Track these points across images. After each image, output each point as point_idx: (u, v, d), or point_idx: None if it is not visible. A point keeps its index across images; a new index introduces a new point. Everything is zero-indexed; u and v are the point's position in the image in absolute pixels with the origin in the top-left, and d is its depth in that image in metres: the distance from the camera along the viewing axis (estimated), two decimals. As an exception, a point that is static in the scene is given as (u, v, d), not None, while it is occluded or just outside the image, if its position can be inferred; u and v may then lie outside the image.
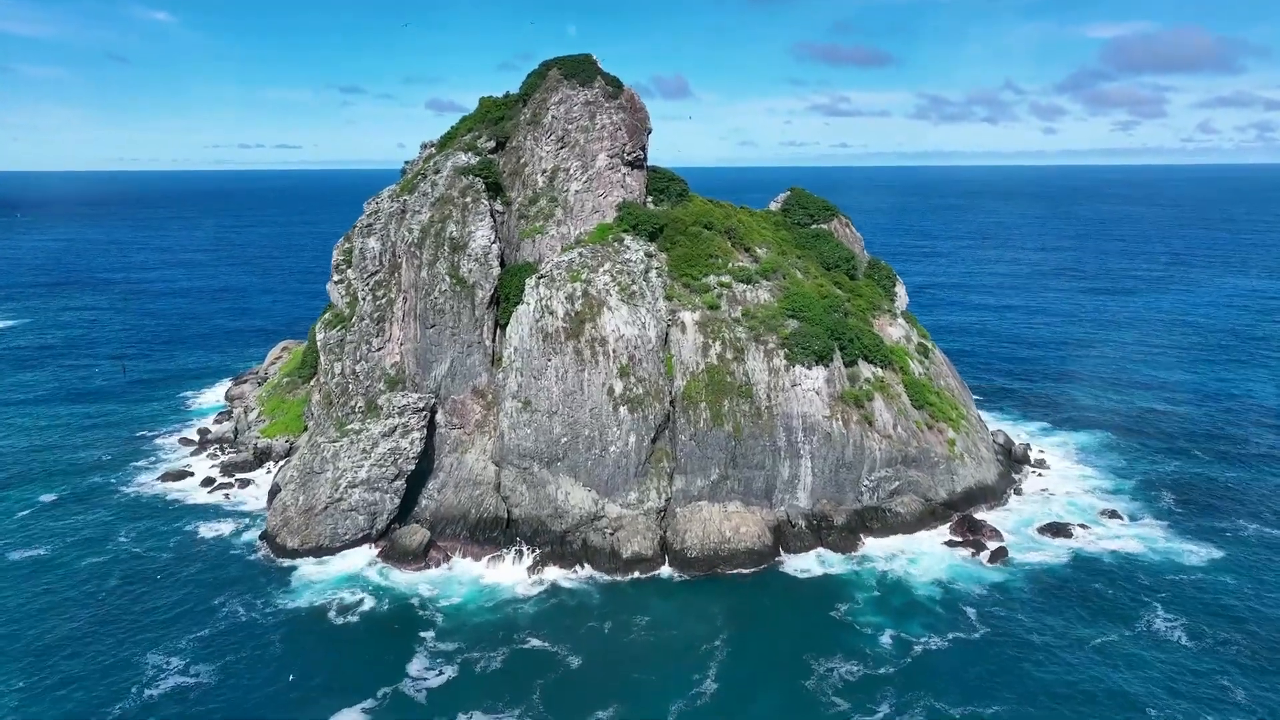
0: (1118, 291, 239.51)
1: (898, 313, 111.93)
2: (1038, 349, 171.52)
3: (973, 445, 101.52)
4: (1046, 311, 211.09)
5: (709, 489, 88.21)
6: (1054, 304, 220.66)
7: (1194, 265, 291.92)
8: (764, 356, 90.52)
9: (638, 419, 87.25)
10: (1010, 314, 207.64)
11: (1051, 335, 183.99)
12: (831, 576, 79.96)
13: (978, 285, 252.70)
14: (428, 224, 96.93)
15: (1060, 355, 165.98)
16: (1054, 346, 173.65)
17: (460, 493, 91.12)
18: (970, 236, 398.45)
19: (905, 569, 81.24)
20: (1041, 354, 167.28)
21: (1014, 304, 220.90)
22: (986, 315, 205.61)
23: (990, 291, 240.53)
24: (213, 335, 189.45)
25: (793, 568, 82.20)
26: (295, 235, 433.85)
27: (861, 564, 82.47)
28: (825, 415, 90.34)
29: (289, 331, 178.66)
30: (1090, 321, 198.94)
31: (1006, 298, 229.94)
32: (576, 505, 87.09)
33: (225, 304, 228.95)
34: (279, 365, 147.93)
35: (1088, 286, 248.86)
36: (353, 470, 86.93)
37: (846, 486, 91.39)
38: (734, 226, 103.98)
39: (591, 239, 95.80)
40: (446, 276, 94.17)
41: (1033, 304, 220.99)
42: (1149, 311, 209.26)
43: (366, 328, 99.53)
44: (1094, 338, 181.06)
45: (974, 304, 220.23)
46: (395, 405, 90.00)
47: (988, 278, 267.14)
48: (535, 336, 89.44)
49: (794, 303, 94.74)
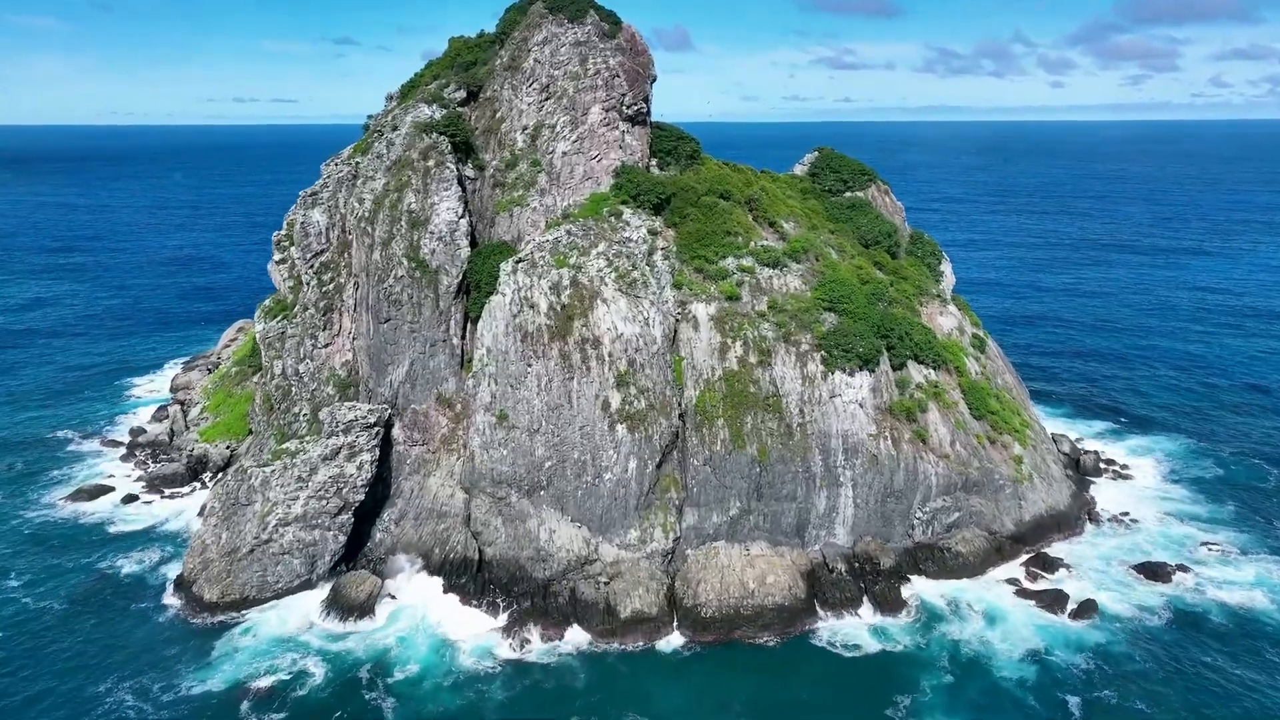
0: (1157, 256, 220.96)
1: (948, 298, 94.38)
2: (1083, 328, 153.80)
3: (1041, 462, 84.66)
4: (1084, 281, 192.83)
5: (727, 526, 71.52)
6: (1091, 272, 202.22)
7: (1233, 229, 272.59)
8: (796, 361, 73.20)
9: (639, 440, 70.27)
10: (1045, 284, 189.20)
11: (1097, 310, 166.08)
12: (888, 652, 63.33)
13: (1004, 254, 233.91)
14: (381, 193, 79.03)
15: (1111, 335, 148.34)
16: (1102, 324, 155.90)
17: (422, 526, 74.50)
18: (988, 197, 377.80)
19: (978, 635, 64.68)
20: (1089, 334, 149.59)
21: (1047, 272, 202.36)
22: (1018, 286, 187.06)
23: (1019, 259, 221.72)
24: (172, 309, 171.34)
25: (834, 633, 65.68)
26: (282, 195, 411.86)
27: (922, 627, 65.92)
28: (871, 433, 73.31)
29: (254, 307, 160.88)
30: (1137, 293, 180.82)
31: (1038, 266, 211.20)
32: (563, 546, 70.51)
33: (193, 274, 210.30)
34: (233, 349, 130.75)
35: (1125, 251, 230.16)
36: (285, 503, 70.16)
37: (895, 520, 74.70)
38: (756, 196, 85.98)
39: (582, 213, 77.96)
40: (404, 259, 76.51)
41: (1068, 272, 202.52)
42: (1200, 280, 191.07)
43: (311, 319, 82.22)
44: (1145, 313, 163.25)
45: (1002, 273, 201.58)
46: (339, 420, 72.95)
47: (1013, 243, 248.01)
48: (512, 336, 72.10)
49: (831, 291, 77.14)
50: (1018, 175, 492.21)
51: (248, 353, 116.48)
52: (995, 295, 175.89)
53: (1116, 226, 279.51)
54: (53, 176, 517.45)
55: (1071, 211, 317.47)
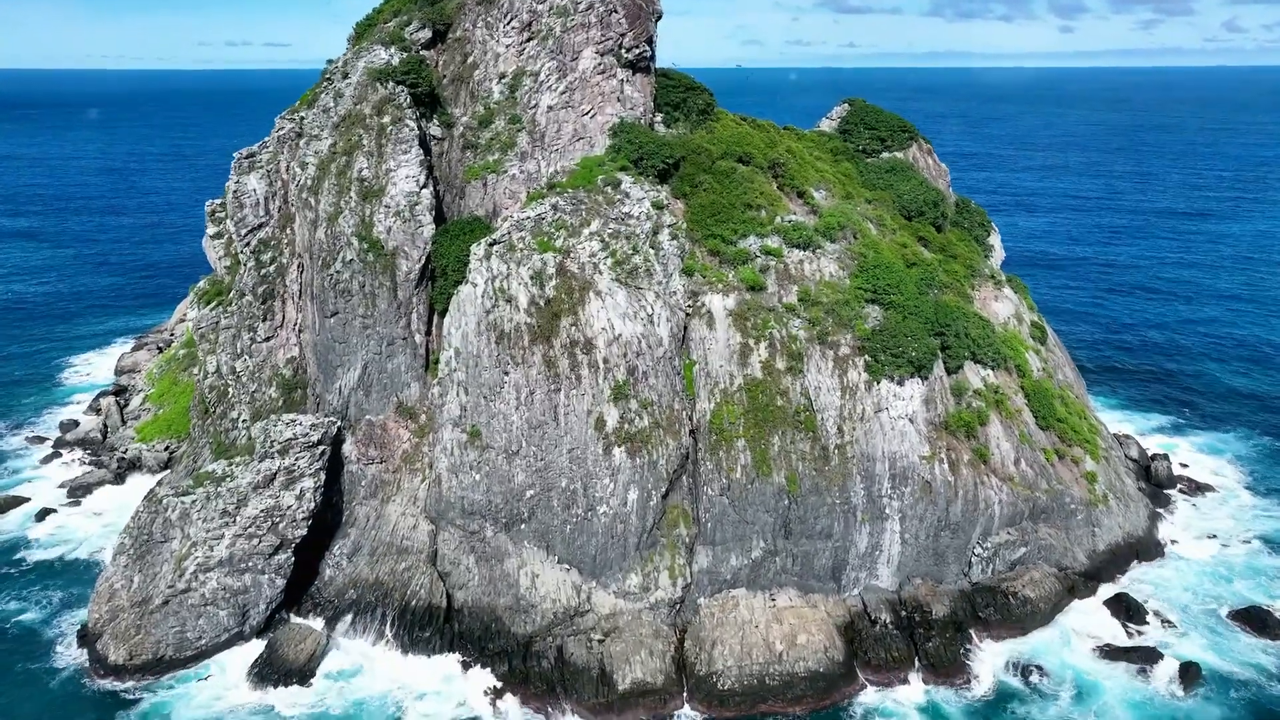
0: (1201, 219, 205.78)
1: (1002, 279, 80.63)
2: (1131, 300, 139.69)
3: (1115, 478, 71.82)
4: (1121, 247, 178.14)
5: (749, 570, 58.85)
6: (1129, 237, 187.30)
7: (1272, 182, 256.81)
8: (833, 367, 59.82)
9: (641, 466, 57.26)
10: (1080, 253, 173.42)
11: (1140, 280, 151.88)
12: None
13: (1028, 217, 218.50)
14: (327, 157, 64.85)
15: (1164, 311, 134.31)
16: (1151, 296, 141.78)
17: (379, 564, 61.84)
18: (1005, 150, 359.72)
19: (1062, 717, 52.45)
20: (1139, 308, 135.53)
21: (1080, 239, 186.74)
22: (1049, 255, 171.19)
23: (1046, 223, 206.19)
24: (132, 275, 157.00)
25: (878, 708, 53.40)
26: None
27: (988, 706, 53.64)
28: (923, 455, 60.28)
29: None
30: (1186, 259, 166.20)
31: (1069, 230, 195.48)
32: (549, 594, 57.93)
33: (163, 235, 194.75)
34: (188, 325, 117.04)
35: (1164, 210, 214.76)
36: (208, 543, 57.36)
37: (949, 557, 62.07)
38: (782, 160, 71.68)
39: (572, 182, 63.82)
40: (354, 239, 62.65)
41: (1101, 237, 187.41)
42: (1250, 246, 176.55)
43: (248, 307, 68.64)
44: (1199, 284, 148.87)
45: (1029, 240, 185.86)
46: (273, 439, 59.78)
47: (1037, 204, 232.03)
48: (485, 336, 58.61)
49: (876, 279, 63.43)
50: (1035, 127, 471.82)
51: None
52: (1021, 265, 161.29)
53: (1151, 184, 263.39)
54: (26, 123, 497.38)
55: (1099, 167, 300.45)
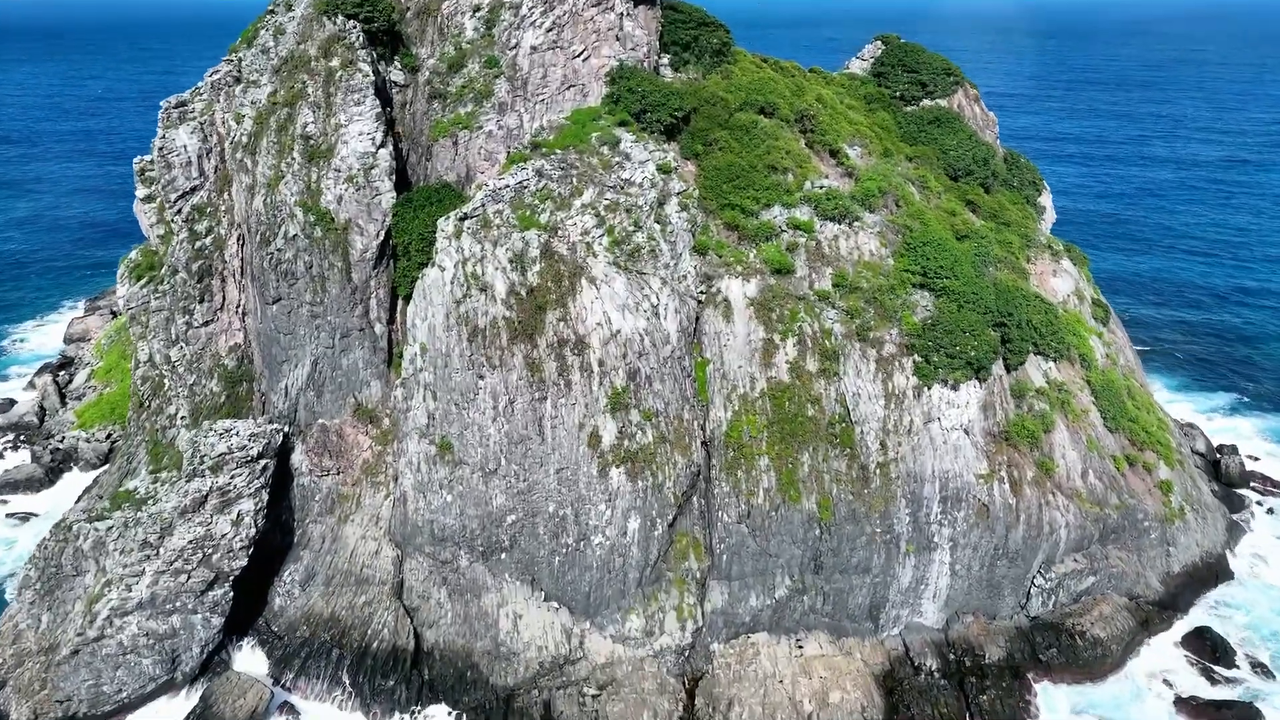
0: (1243, 167, 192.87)
1: (1060, 248, 70.02)
2: (1175, 260, 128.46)
3: (1191, 485, 62.37)
4: (1160, 196, 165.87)
5: (771, 611, 49.74)
6: (1168, 186, 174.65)
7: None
8: (876, 369, 49.80)
9: (644, 490, 47.70)
10: (1124, 214, 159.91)
11: (1185, 236, 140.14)
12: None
13: (1061, 166, 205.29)
14: (266, 108, 53.81)
15: (1211, 272, 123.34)
16: (1196, 255, 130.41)
17: (336, 596, 52.72)
18: (1026, 88, 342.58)
19: (1146, 802, 43.98)
20: (1184, 269, 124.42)
21: (1118, 194, 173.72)
22: (1085, 211, 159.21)
23: (1080, 174, 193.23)
24: (89, 230, 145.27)
25: (930, 785, 44.94)
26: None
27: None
28: (980, 473, 50.68)
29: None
30: (1230, 212, 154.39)
31: (1105, 183, 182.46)
32: (534, 639, 48.92)
33: (122, 182, 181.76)
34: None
35: (1196, 159, 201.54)
36: (124, 581, 48.05)
37: (1005, 589, 52.94)
38: (810, 110, 60.45)
39: (561, 140, 52.85)
40: (298, 209, 52.01)
41: (1141, 190, 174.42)
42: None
43: (183, 286, 58.31)
44: (1247, 241, 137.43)
45: (1062, 196, 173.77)
46: (204, 454, 50.04)
47: (1068, 152, 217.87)
48: (456, 331, 48.44)
49: (926, 258, 52.95)
50: (1055, 64, 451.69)
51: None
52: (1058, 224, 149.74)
53: (1185, 129, 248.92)
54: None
55: (1128, 108, 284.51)
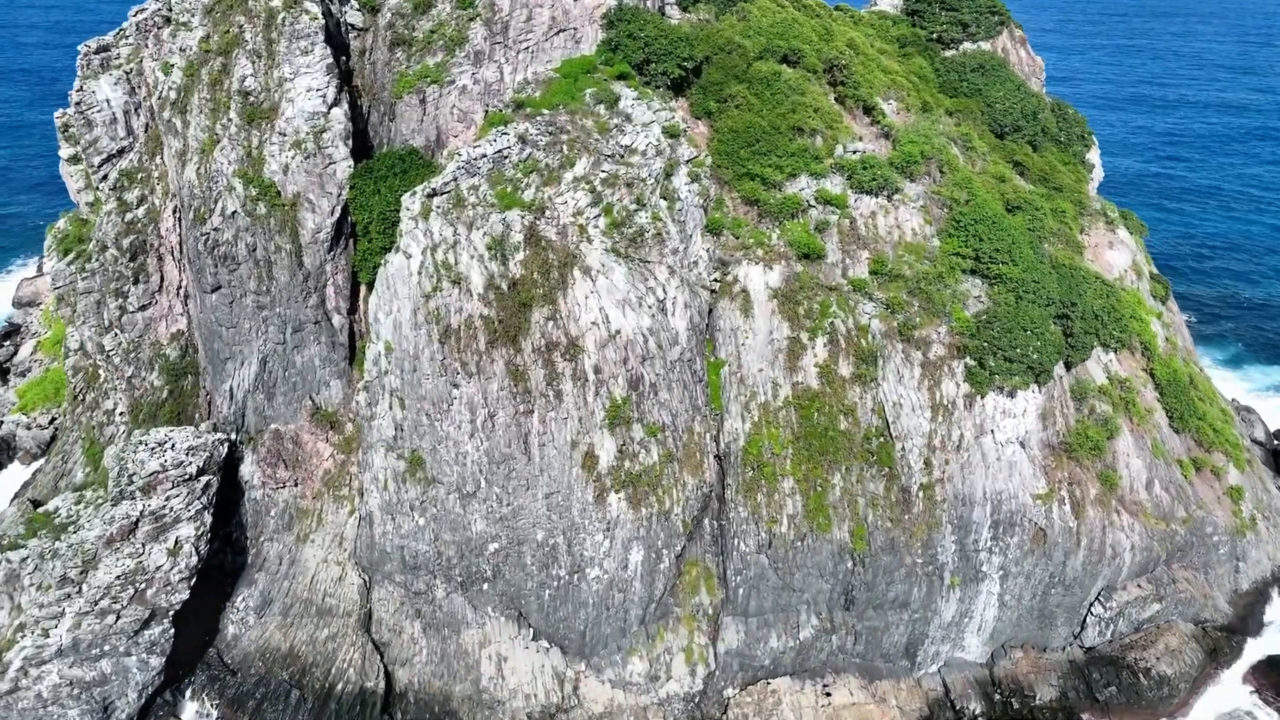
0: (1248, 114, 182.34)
1: (1115, 216, 61.99)
2: (1216, 214, 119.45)
3: (1260, 489, 55.56)
4: (1189, 143, 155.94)
5: (795, 652, 43.22)
6: (1196, 133, 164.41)
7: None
8: (922, 375, 42.36)
9: (648, 518, 40.70)
10: (1137, 155, 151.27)
11: (1217, 187, 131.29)
12: None
13: (1083, 110, 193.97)
14: (197, 57, 45.13)
15: (1248, 225, 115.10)
16: (1242, 208, 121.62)
17: (295, 627, 46.10)
18: (1043, 19, 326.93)
19: None
20: (1225, 227, 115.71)
21: (1140, 132, 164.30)
22: (1113, 163, 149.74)
23: (1107, 120, 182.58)
24: (54, 177, 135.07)
25: None
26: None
27: None
28: (1037, 494, 43.68)
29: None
30: (1259, 162, 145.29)
31: (1136, 131, 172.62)
32: (521, 684, 42.48)
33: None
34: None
35: (1230, 103, 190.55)
36: (41, 624, 41.26)
37: (1058, 619, 46.47)
38: (841, 58, 51.70)
39: (549, 98, 44.32)
40: (236, 181, 43.78)
41: (1164, 134, 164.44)
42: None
43: (113, 264, 50.28)
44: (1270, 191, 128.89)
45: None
46: (133, 472, 42.78)
47: (1091, 94, 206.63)
48: (425, 330, 40.79)
49: (979, 239, 45.04)
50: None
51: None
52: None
53: (1215, 67, 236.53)
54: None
55: (1153, 49, 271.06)
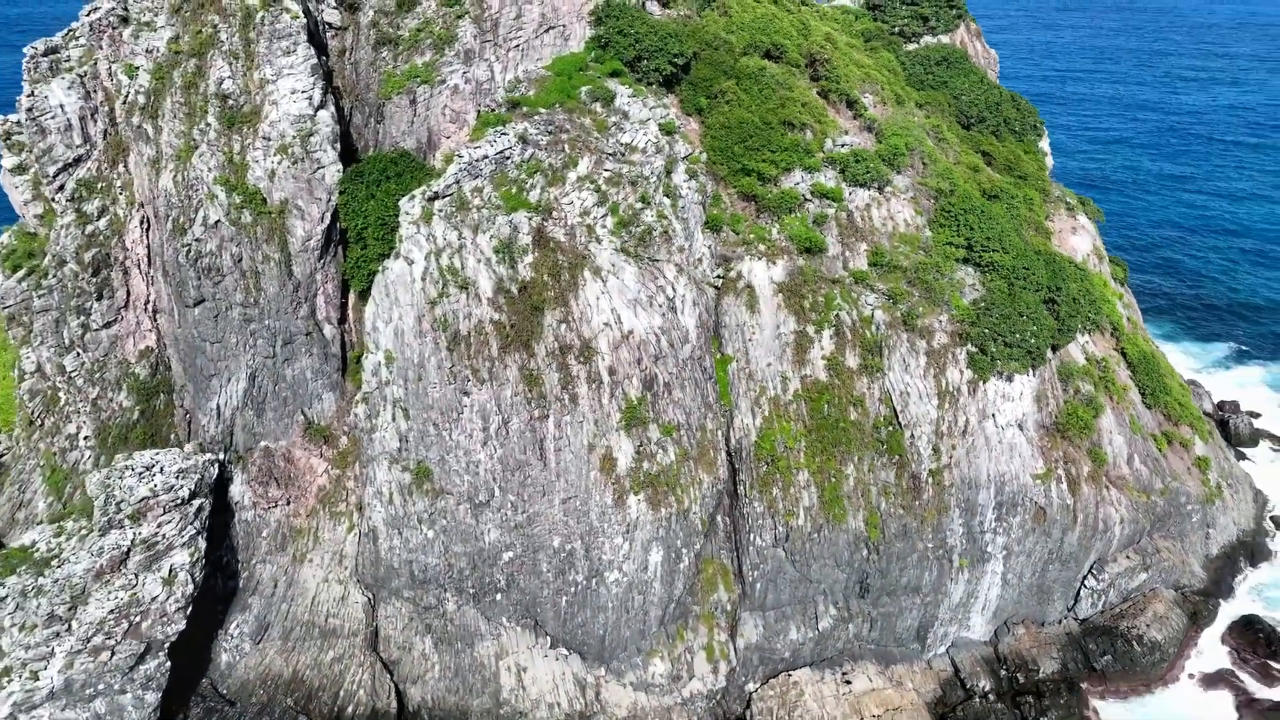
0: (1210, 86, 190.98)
1: (1075, 202, 64.29)
2: (1153, 199, 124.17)
3: (1222, 458, 58.49)
4: (1129, 122, 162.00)
5: (813, 643, 43.63)
6: (1135, 109, 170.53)
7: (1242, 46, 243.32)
8: (927, 363, 43.14)
9: (667, 518, 40.48)
10: (1075, 137, 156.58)
11: (1160, 171, 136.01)
12: None
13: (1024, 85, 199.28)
14: (167, 59, 42.79)
15: (1192, 213, 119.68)
16: (1173, 190, 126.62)
17: (297, 651, 44.38)
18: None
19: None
20: (1164, 209, 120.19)
21: (1075, 113, 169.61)
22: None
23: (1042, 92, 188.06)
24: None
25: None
26: None
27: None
28: (1036, 474, 45.02)
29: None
30: (1208, 141, 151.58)
31: (1063, 103, 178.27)
32: (543, 694, 41.81)
33: None
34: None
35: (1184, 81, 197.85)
36: (30, 667, 38.71)
37: (1055, 593, 48.05)
38: (821, 52, 52.14)
39: (544, 97, 43.49)
40: (219, 188, 41.71)
41: (1101, 113, 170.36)
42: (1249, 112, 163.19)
43: (73, 279, 47.44)
44: (1224, 174, 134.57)
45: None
46: (122, 499, 40.49)
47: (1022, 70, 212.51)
48: (432, 338, 39.63)
49: (970, 229, 46.07)
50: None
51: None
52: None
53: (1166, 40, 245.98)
54: None
55: (1100, 24, 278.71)
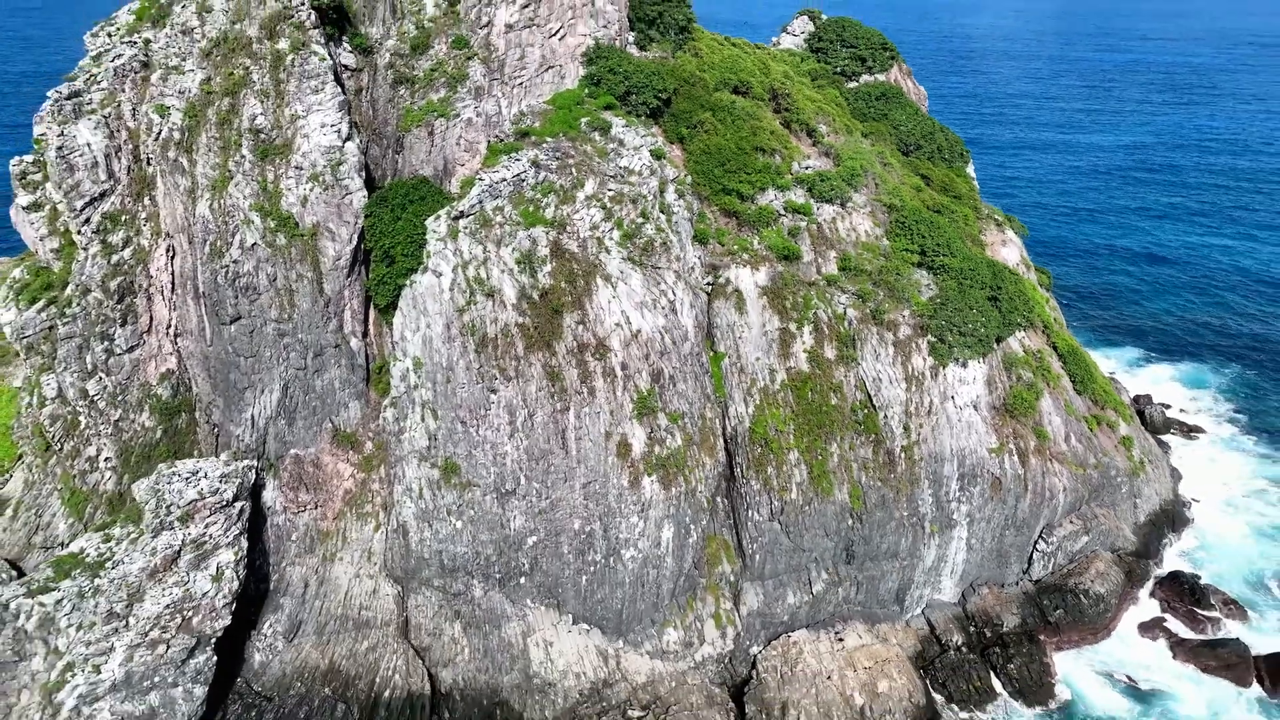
0: (1087, 127, 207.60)
1: (1003, 219, 72.12)
2: (1058, 216, 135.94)
3: (1142, 436, 66.10)
4: (1034, 147, 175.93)
5: (808, 607, 48.59)
6: (1043, 135, 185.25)
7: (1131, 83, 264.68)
8: (895, 352, 49.16)
9: (677, 497, 45.18)
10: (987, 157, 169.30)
11: (1061, 191, 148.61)
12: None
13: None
14: (199, 99, 46.62)
15: (1079, 223, 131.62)
16: (1064, 210, 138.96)
17: (331, 645, 47.28)
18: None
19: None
20: (1070, 224, 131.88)
21: (989, 138, 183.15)
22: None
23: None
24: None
25: (986, 762, 45.45)
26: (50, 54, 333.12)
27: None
28: (991, 447, 51.27)
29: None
30: (1086, 164, 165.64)
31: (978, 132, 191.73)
32: (570, 665, 45.63)
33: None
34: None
35: (1061, 109, 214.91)
36: (91, 661, 40.99)
37: (1012, 557, 54.15)
38: (783, 88, 58.80)
39: (550, 127, 48.71)
40: (254, 215, 45.50)
41: (1007, 134, 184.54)
42: (1141, 143, 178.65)
43: (98, 307, 50.14)
44: (1125, 192, 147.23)
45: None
46: (171, 503, 43.33)
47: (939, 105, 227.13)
48: (459, 342, 43.89)
49: (921, 236, 52.72)
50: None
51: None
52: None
53: (1073, 69, 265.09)
54: None
55: (1014, 54, 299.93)
